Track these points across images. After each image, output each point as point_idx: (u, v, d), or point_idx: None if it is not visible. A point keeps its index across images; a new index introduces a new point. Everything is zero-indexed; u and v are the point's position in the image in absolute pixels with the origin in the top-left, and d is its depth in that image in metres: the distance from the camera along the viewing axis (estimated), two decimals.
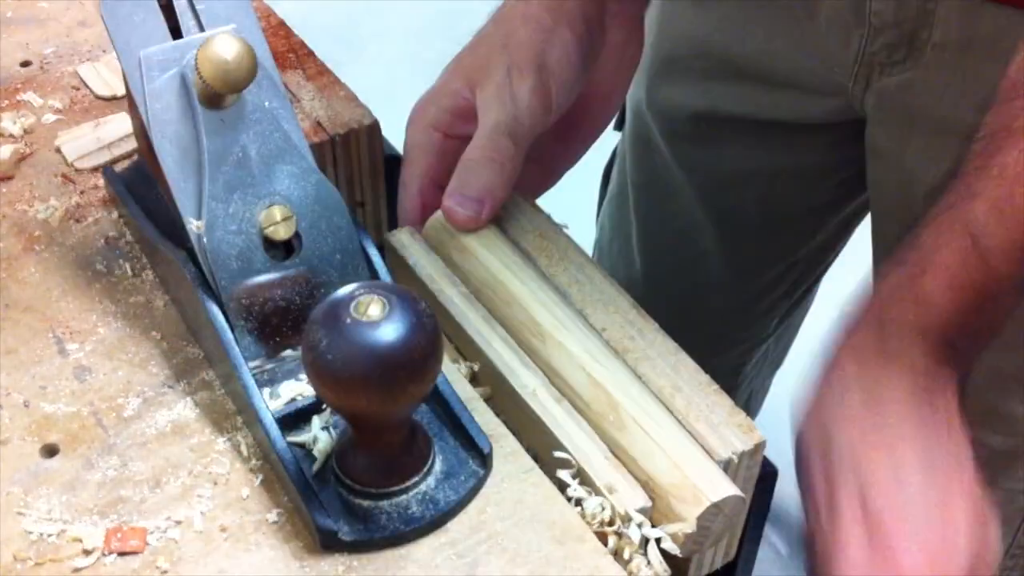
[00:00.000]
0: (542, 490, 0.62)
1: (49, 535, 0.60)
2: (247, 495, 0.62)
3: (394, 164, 0.85)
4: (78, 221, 0.76)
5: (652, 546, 0.61)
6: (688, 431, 0.64)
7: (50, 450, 0.64)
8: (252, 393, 0.62)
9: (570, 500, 0.62)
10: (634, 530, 0.61)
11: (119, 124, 0.82)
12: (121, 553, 0.59)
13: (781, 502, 0.77)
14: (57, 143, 0.81)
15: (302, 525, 0.61)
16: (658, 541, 0.61)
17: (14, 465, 0.63)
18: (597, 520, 0.61)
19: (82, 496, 0.61)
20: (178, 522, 0.60)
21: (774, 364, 1.31)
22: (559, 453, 0.63)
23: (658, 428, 0.63)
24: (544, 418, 0.64)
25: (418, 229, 0.76)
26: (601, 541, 0.60)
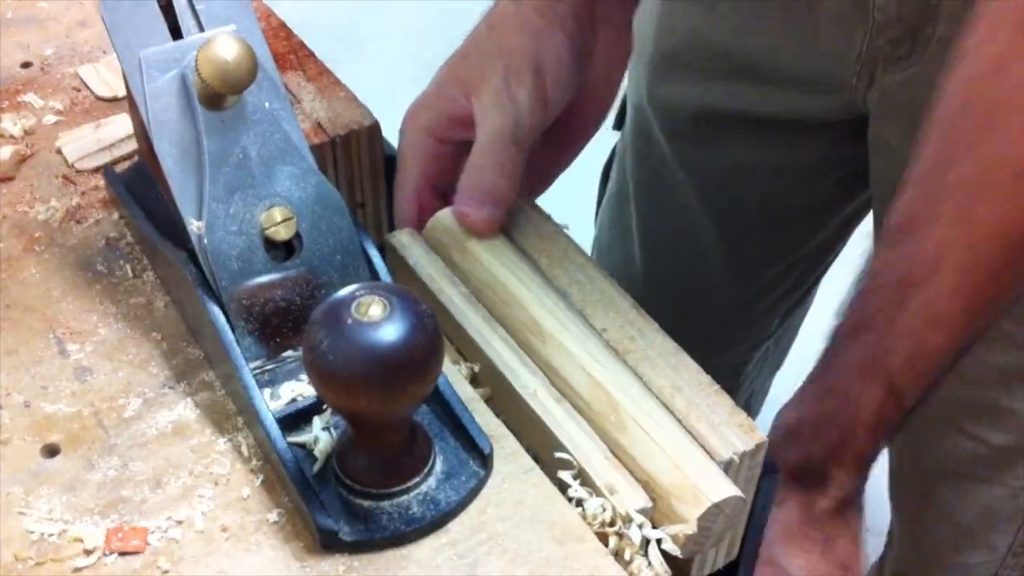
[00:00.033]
0: (542, 490, 0.62)
1: (50, 535, 0.60)
2: (248, 495, 0.62)
3: (394, 165, 0.85)
4: (79, 222, 0.76)
5: (653, 547, 0.61)
6: (689, 431, 0.64)
7: (51, 450, 0.64)
8: (253, 394, 0.62)
9: (571, 501, 0.62)
10: (635, 531, 0.61)
11: (119, 125, 0.82)
12: (122, 553, 0.59)
13: None
14: (58, 144, 0.81)
15: (303, 525, 0.61)
16: (659, 542, 0.61)
17: (15, 465, 0.63)
18: (598, 521, 0.61)
19: (83, 496, 0.62)
20: (179, 522, 0.60)
21: (774, 364, 1.31)
22: (560, 454, 0.63)
23: (659, 429, 0.63)
24: (544, 418, 0.64)
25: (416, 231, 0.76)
26: (602, 542, 0.60)
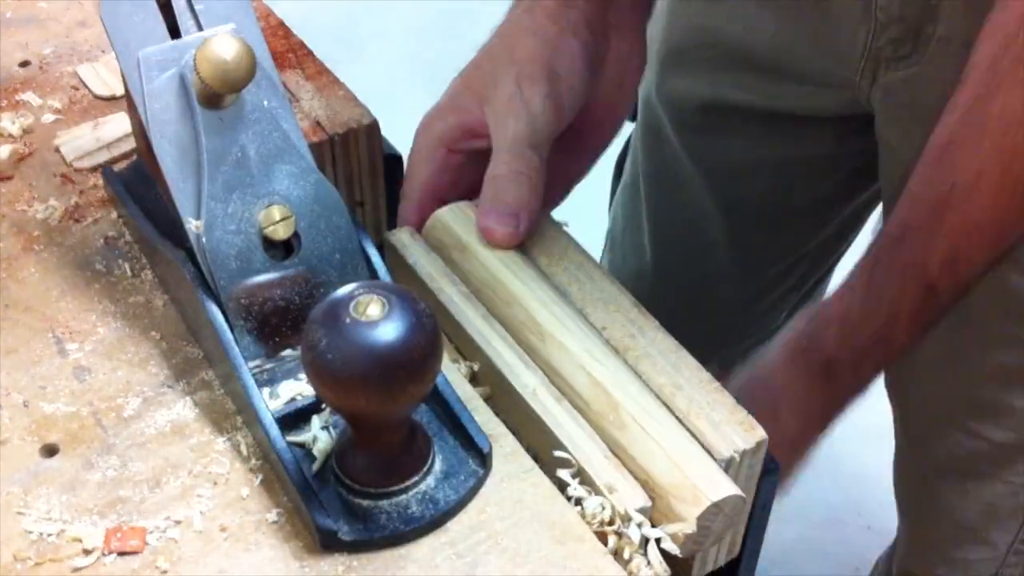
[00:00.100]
0: (542, 490, 0.62)
1: (49, 535, 0.60)
2: (247, 495, 0.62)
3: (393, 164, 0.85)
4: (77, 221, 0.76)
5: (652, 546, 0.61)
6: (689, 430, 0.64)
7: (50, 450, 0.64)
8: (252, 393, 0.62)
9: (570, 500, 0.62)
10: (634, 530, 0.61)
11: (118, 124, 0.82)
12: (121, 553, 0.59)
13: (785, 498, 0.76)
14: (56, 143, 0.81)
15: (302, 525, 0.60)
16: (658, 541, 0.61)
17: (14, 465, 0.63)
18: (597, 520, 0.61)
19: (82, 496, 0.61)
20: (178, 522, 0.60)
21: None
22: (559, 452, 0.63)
23: (658, 427, 0.63)
24: (544, 417, 0.64)
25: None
26: (601, 541, 0.60)
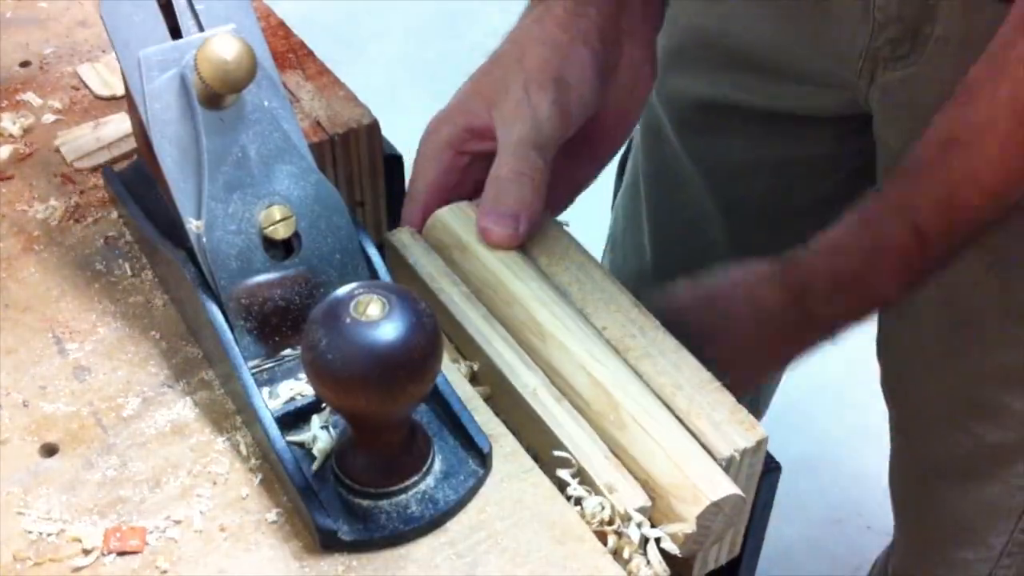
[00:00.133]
0: (542, 490, 0.62)
1: (49, 535, 0.60)
2: (247, 495, 0.62)
3: (394, 164, 0.85)
4: (77, 221, 0.76)
5: (652, 546, 0.61)
6: (689, 429, 0.64)
7: (50, 450, 0.64)
8: (251, 392, 0.62)
9: (570, 500, 0.62)
10: (634, 530, 0.61)
11: (118, 124, 0.82)
12: (120, 553, 0.59)
13: (785, 498, 0.76)
14: (57, 143, 0.81)
15: (302, 525, 0.60)
16: (658, 541, 0.61)
17: (14, 465, 0.63)
18: (597, 519, 0.61)
19: (82, 496, 0.61)
20: (177, 522, 0.60)
21: None
22: (559, 452, 0.63)
23: (658, 427, 0.63)
24: (544, 417, 0.64)
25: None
26: (601, 541, 0.60)
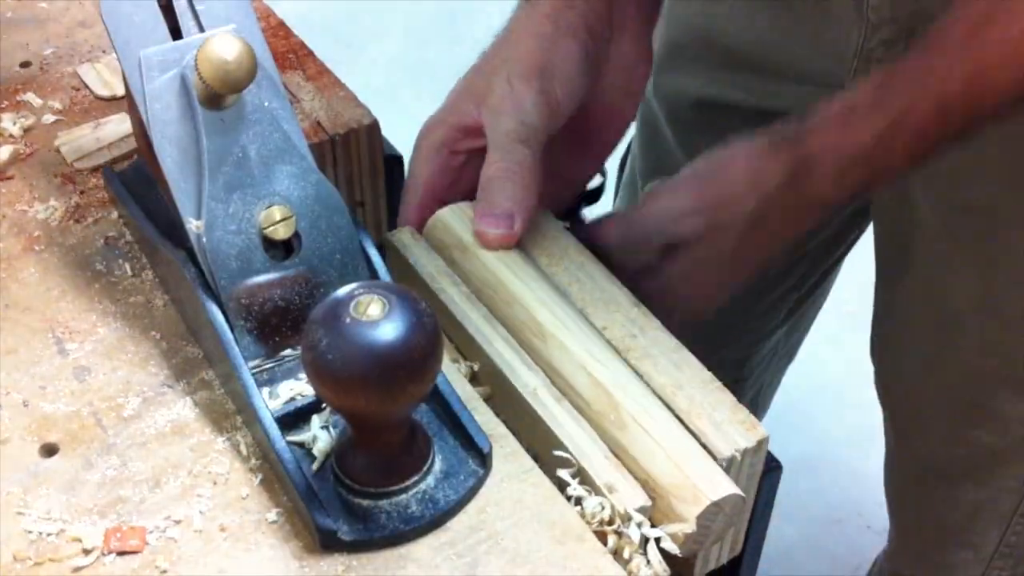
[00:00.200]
0: (542, 490, 0.62)
1: (49, 535, 0.60)
2: (247, 495, 0.62)
3: (394, 164, 0.85)
4: (78, 221, 0.76)
5: (652, 546, 0.61)
6: (690, 429, 0.64)
7: (50, 450, 0.64)
8: (251, 393, 0.62)
9: (570, 499, 0.62)
10: (634, 530, 0.61)
11: (119, 124, 0.82)
12: (121, 553, 0.59)
13: (786, 498, 0.76)
14: (57, 143, 0.81)
15: (302, 525, 0.60)
16: (658, 541, 0.61)
17: (14, 465, 0.63)
18: (597, 519, 0.61)
19: (82, 496, 0.61)
20: (177, 522, 0.60)
21: (787, 356, 1.30)
22: (559, 452, 0.63)
23: (659, 427, 0.63)
24: (544, 417, 0.64)
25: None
26: (601, 541, 0.60)
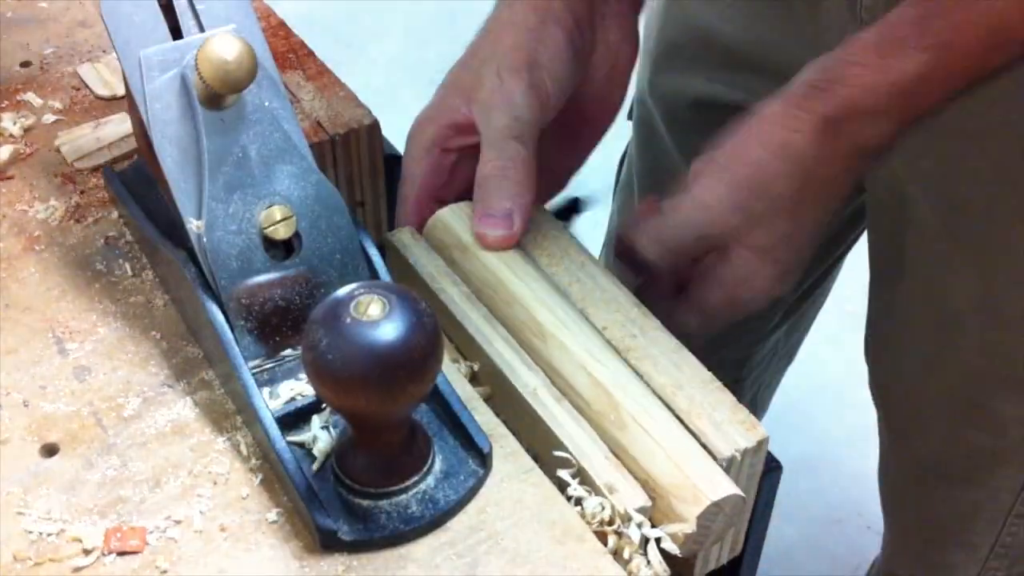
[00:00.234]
0: (542, 490, 0.62)
1: (49, 535, 0.60)
2: (247, 495, 0.62)
3: (394, 164, 0.85)
4: (78, 221, 0.76)
5: (652, 546, 0.61)
6: (690, 429, 0.64)
7: (50, 450, 0.64)
8: (252, 393, 0.62)
9: (570, 499, 0.62)
10: (634, 530, 0.61)
11: (119, 124, 0.82)
12: (121, 553, 0.59)
13: (786, 498, 0.76)
14: (57, 143, 0.81)
15: (302, 525, 0.60)
16: (658, 541, 0.61)
17: (14, 465, 0.63)
18: (597, 520, 0.61)
19: (82, 496, 0.61)
20: (178, 522, 0.60)
21: (786, 357, 1.30)
22: (559, 452, 0.63)
23: (659, 427, 0.63)
24: (544, 417, 0.64)
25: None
26: (601, 541, 0.60)
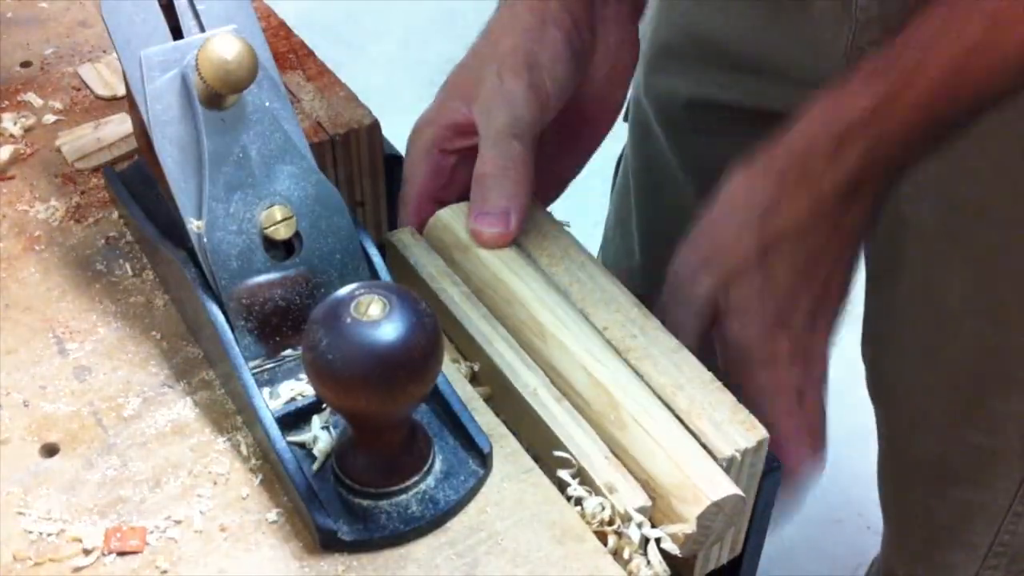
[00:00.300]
0: (542, 490, 0.62)
1: (49, 535, 0.60)
2: (247, 495, 0.62)
3: (394, 164, 0.85)
4: (78, 221, 0.76)
5: (652, 546, 0.61)
6: (690, 429, 0.64)
7: (50, 450, 0.64)
8: (252, 393, 0.62)
9: (570, 500, 0.62)
10: (634, 530, 0.61)
11: (119, 124, 0.82)
12: (121, 553, 0.59)
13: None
14: (57, 143, 0.81)
15: (302, 525, 0.61)
16: (658, 541, 0.61)
17: (14, 465, 0.63)
18: (597, 520, 0.61)
19: (82, 496, 0.61)
20: (178, 522, 0.60)
21: None
22: (559, 452, 0.63)
23: (659, 427, 0.63)
24: (544, 417, 0.64)
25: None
26: (601, 541, 0.60)
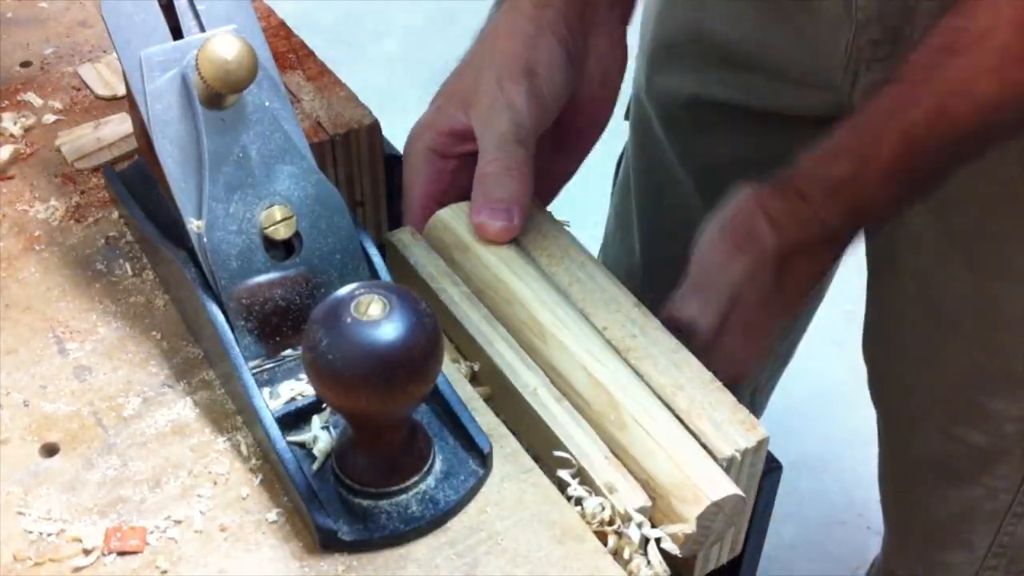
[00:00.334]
0: (542, 490, 0.62)
1: (49, 535, 0.60)
2: (247, 495, 0.62)
3: (394, 164, 0.85)
4: (78, 221, 0.76)
5: (652, 546, 0.61)
6: (690, 429, 0.64)
7: (50, 450, 0.64)
8: (252, 393, 0.62)
9: (570, 500, 0.62)
10: (634, 530, 0.61)
11: (119, 124, 0.82)
12: (121, 553, 0.59)
13: (786, 498, 0.77)
14: (57, 143, 0.81)
15: (302, 525, 0.61)
16: (658, 541, 0.61)
17: (14, 465, 0.63)
18: (597, 520, 0.61)
19: (82, 496, 0.61)
20: (178, 522, 0.60)
21: (780, 360, 1.31)
22: (559, 452, 0.63)
23: (659, 427, 0.63)
24: (544, 417, 0.64)
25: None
26: (601, 541, 0.60)
